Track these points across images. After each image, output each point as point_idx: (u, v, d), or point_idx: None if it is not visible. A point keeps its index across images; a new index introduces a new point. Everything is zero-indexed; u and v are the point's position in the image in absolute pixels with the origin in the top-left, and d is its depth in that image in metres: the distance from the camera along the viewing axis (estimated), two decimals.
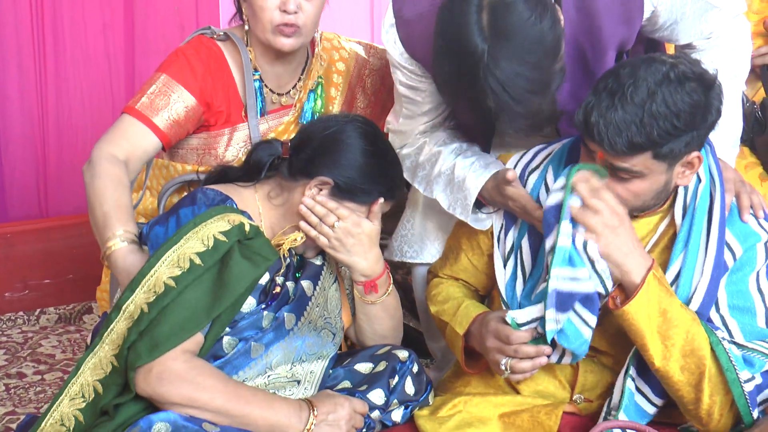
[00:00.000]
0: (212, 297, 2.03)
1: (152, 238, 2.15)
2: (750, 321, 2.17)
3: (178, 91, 2.54)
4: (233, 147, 2.65)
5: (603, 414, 2.21)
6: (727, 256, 2.18)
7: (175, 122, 2.53)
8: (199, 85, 2.56)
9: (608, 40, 2.30)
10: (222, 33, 2.66)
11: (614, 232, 2.06)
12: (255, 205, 2.26)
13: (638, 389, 2.19)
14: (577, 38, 2.30)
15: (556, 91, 2.12)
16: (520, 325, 2.16)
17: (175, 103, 2.53)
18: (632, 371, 2.17)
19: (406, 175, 2.56)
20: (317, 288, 2.32)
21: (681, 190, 2.20)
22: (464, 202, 2.40)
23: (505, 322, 2.17)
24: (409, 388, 2.30)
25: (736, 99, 2.43)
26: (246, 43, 2.63)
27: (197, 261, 2.02)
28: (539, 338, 2.15)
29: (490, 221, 2.43)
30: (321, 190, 2.23)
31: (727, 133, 2.28)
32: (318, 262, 2.35)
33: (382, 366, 2.31)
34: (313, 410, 2.06)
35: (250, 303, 2.17)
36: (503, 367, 2.18)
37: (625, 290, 2.09)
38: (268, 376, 2.19)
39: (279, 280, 2.25)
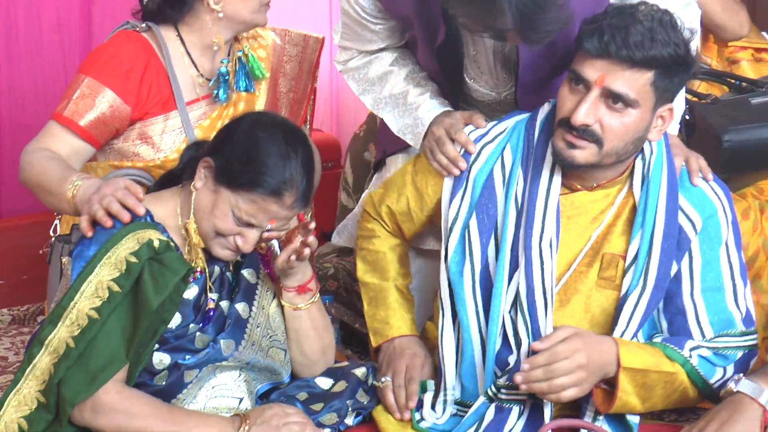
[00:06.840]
0: (133, 322, 2.03)
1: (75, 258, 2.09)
2: (719, 300, 2.24)
3: (101, 92, 2.54)
4: (168, 134, 2.64)
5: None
6: (687, 227, 2.23)
7: (100, 122, 2.54)
8: (123, 82, 2.56)
9: None
10: (144, 24, 2.68)
11: (586, 348, 2.09)
12: (175, 212, 2.18)
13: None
14: None
15: None
16: (418, 422, 2.25)
17: (99, 104, 2.53)
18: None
19: (351, 85, 2.66)
20: (253, 308, 2.27)
21: (638, 162, 2.26)
22: (415, 130, 2.49)
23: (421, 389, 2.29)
24: (362, 397, 2.32)
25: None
26: (177, 33, 2.65)
27: (115, 288, 2.01)
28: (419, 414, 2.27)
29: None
30: (207, 175, 2.14)
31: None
32: (252, 280, 2.30)
33: (341, 386, 2.31)
34: (246, 419, 2.10)
35: (175, 319, 2.13)
36: (383, 380, 2.31)
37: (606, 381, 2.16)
38: (212, 387, 2.19)
39: (213, 296, 2.21)
